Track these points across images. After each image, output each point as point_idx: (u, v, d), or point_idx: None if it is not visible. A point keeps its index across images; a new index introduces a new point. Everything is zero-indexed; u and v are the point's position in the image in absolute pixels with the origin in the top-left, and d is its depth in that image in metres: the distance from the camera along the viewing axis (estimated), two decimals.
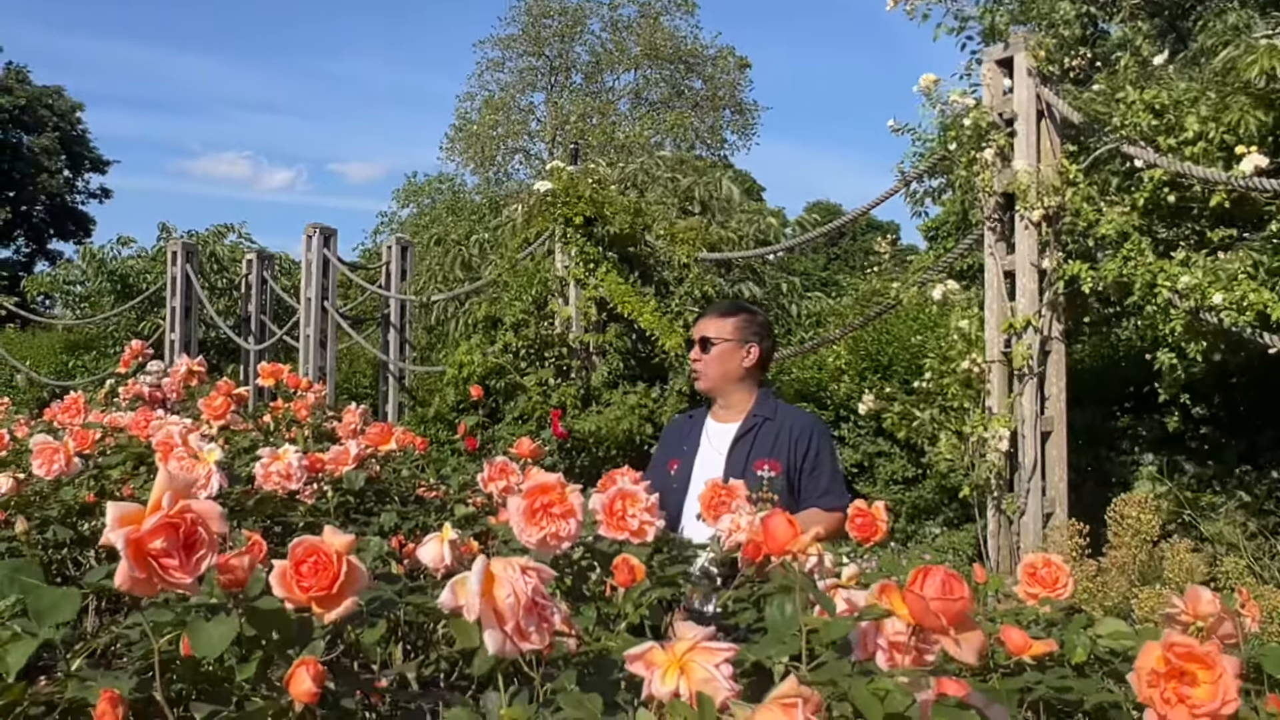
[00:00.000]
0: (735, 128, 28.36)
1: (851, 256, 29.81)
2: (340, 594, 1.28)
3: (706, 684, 1.10)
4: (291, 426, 3.32)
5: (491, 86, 27.87)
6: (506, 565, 1.12)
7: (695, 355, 2.84)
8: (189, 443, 2.59)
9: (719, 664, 1.11)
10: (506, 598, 1.08)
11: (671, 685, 1.10)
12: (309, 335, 9.86)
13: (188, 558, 1.17)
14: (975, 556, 6.25)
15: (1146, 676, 1.27)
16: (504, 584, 1.09)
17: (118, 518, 1.14)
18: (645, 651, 1.14)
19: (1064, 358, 5.01)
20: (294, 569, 1.26)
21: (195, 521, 1.18)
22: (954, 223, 12.03)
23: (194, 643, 1.22)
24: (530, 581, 1.11)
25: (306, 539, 1.29)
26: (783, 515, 1.37)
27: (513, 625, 1.09)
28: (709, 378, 2.81)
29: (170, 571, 1.15)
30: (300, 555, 1.27)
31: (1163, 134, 4.51)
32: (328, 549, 1.27)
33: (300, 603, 1.27)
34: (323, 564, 1.26)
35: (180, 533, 1.16)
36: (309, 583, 1.25)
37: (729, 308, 2.94)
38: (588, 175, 7.31)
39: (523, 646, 1.11)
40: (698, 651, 1.12)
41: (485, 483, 2.47)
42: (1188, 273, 4.26)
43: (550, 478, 1.78)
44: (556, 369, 7.11)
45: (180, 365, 3.68)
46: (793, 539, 1.33)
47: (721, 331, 2.80)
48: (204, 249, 12.29)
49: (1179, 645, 1.21)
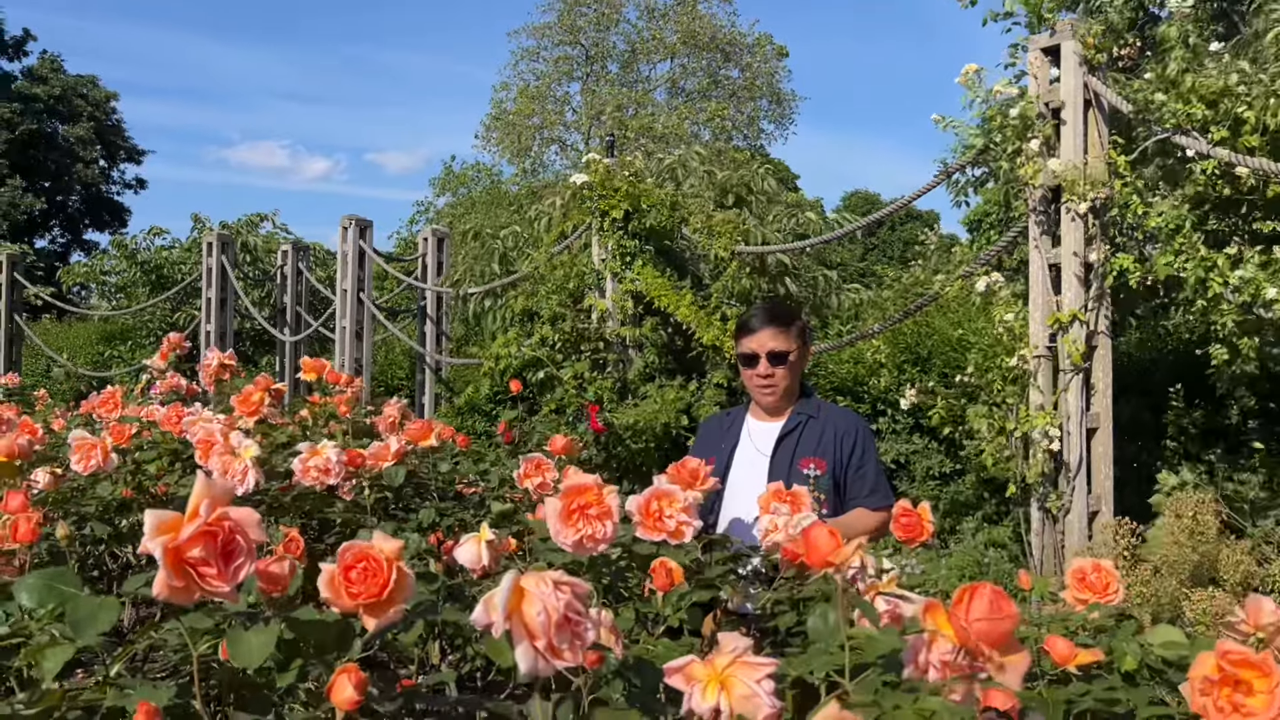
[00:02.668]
0: (772, 117, 28.19)
1: (890, 247, 29.57)
2: (389, 601, 1.26)
3: (748, 701, 1.06)
4: (330, 421, 3.31)
5: (527, 76, 27.91)
6: (538, 580, 1.08)
7: (765, 370, 2.72)
8: (229, 439, 2.58)
9: (760, 679, 1.07)
10: (538, 615, 1.04)
11: (712, 701, 1.07)
12: (345, 327, 9.91)
13: (226, 566, 1.15)
14: (1016, 553, 6.15)
15: (1200, 684, 1.23)
16: (534, 600, 1.05)
17: (155, 526, 1.12)
18: (685, 665, 1.11)
19: (1110, 353, 4.90)
20: (343, 574, 1.24)
21: (233, 530, 1.16)
22: (997, 214, 11.86)
23: (233, 652, 1.20)
24: (563, 597, 1.07)
25: (357, 544, 1.26)
26: (823, 525, 1.32)
27: (545, 643, 1.05)
28: (781, 390, 2.73)
29: (208, 580, 1.13)
30: (350, 561, 1.24)
31: (1216, 124, 4.38)
32: (378, 555, 1.25)
33: (348, 609, 1.25)
34: (373, 570, 1.23)
35: (218, 541, 1.14)
36: (358, 589, 1.22)
37: (785, 314, 2.85)
38: (624, 168, 7.26)
39: (555, 664, 1.07)
40: (739, 666, 1.08)
41: (521, 479, 2.46)
42: (1242, 267, 4.14)
43: (587, 479, 1.75)
44: (593, 362, 7.08)
45: (211, 359, 3.68)
46: (835, 550, 1.28)
47: (790, 344, 2.74)
48: (237, 239, 12.37)
49: (1234, 653, 1.16)
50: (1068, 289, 4.84)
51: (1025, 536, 4.99)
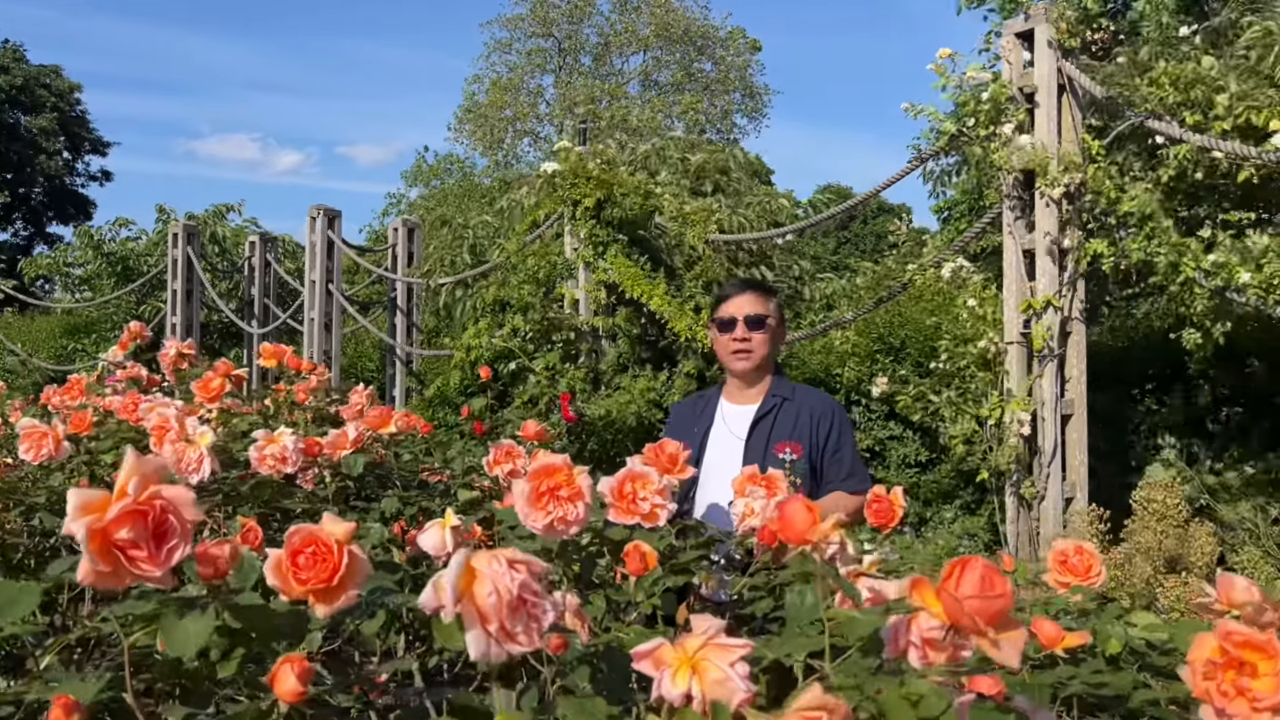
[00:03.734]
0: (746, 111, 28.17)
1: (862, 240, 29.62)
2: (340, 586, 1.19)
3: (721, 685, 0.99)
4: (293, 410, 3.23)
5: (499, 68, 27.72)
6: (491, 559, 1.00)
7: (742, 334, 2.65)
8: (185, 426, 2.49)
9: (734, 663, 1.00)
10: (488, 595, 0.97)
11: (683, 687, 1.00)
12: (313, 319, 9.78)
13: (157, 548, 1.07)
14: (991, 541, 6.14)
15: (1202, 668, 1.18)
16: (485, 580, 0.97)
17: (80, 505, 1.04)
18: (654, 649, 1.04)
19: (1084, 338, 4.89)
20: (290, 559, 1.17)
21: (165, 509, 1.08)
22: (967, 204, 11.89)
23: (168, 640, 1.13)
24: (517, 576, 1.00)
25: (304, 527, 1.20)
26: (800, 501, 1.26)
27: (496, 626, 0.98)
28: (758, 356, 2.65)
29: (138, 564, 1.05)
30: (297, 545, 1.18)
31: (1188, 110, 4.37)
32: (327, 538, 1.18)
33: (296, 595, 1.18)
34: (322, 554, 1.16)
35: (149, 521, 1.06)
36: (306, 574, 1.15)
37: (765, 286, 2.80)
38: (597, 156, 7.19)
39: (509, 649, 1.00)
40: (711, 649, 1.01)
41: (490, 466, 2.39)
42: (1214, 251, 4.13)
43: (557, 459, 1.69)
44: (565, 353, 7.01)
45: (169, 348, 3.57)
46: (811, 527, 1.22)
47: (769, 310, 2.68)
48: (204, 230, 12.19)
49: (1237, 634, 1.12)
50: (1042, 274, 4.82)
51: (1000, 524, 4.97)
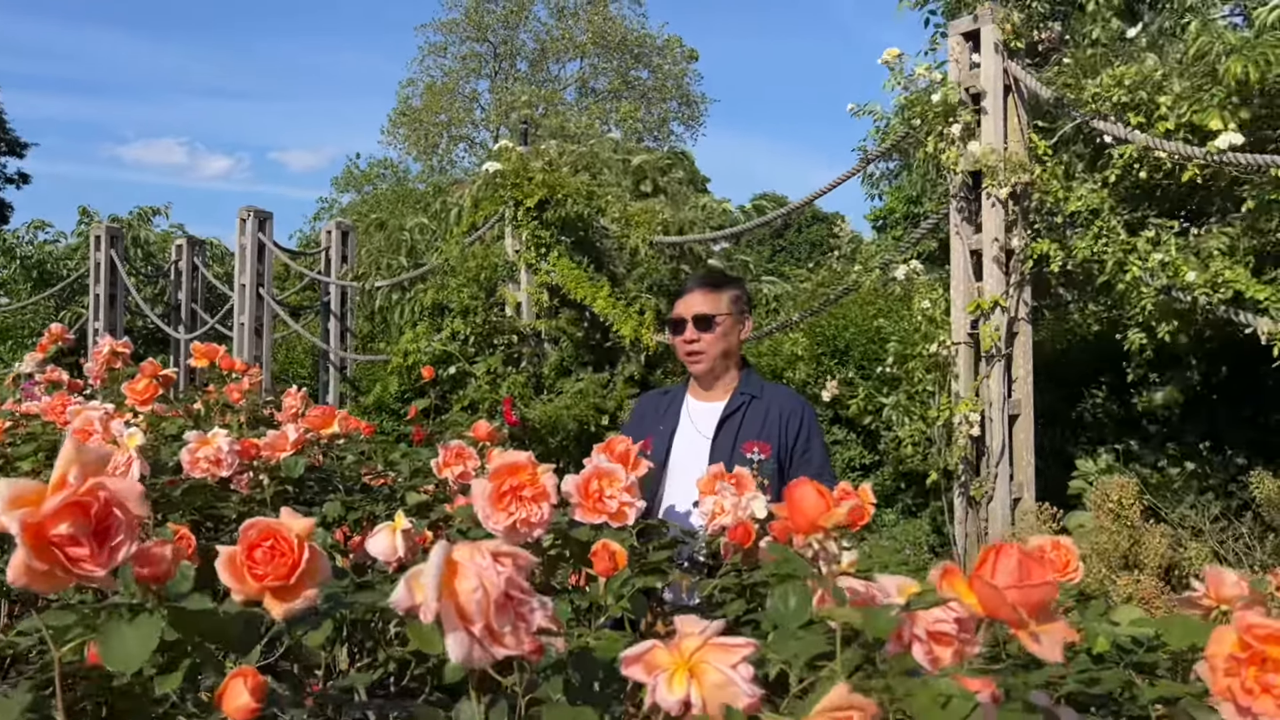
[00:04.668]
0: (682, 119, 28.25)
1: (797, 249, 29.84)
2: (299, 584, 1.08)
3: (722, 689, 0.89)
4: (225, 412, 3.06)
5: (434, 72, 27.43)
6: (474, 552, 0.89)
7: (691, 335, 2.53)
8: (109, 428, 2.33)
9: (736, 664, 0.90)
10: (473, 592, 0.85)
11: (680, 693, 0.89)
12: (244, 323, 9.48)
13: (100, 546, 0.95)
14: (936, 544, 6.15)
15: (1223, 664, 1.11)
16: (469, 575, 0.86)
17: (10, 497, 0.91)
18: (645, 652, 0.93)
19: (1030, 339, 4.90)
20: (246, 554, 1.06)
21: (110, 502, 0.95)
22: (903, 211, 12.01)
23: (105, 652, 1.00)
24: (504, 571, 0.88)
25: (260, 520, 1.09)
26: (810, 485, 1.17)
27: (482, 626, 0.86)
28: (709, 359, 2.54)
29: (80, 563, 0.93)
30: (254, 538, 1.07)
31: (1133, 110, 4.41)
32: (286, 532, 1.07)
33: (252, 594, 1.08)
34: (280, 549, 1.06)
35: (92, 515, 0.93)
36: (264, 570, 1.05)
37: (718, 278, 2.68)
38: (538, 156, 7.07)
39: (495, 652, 0.88)
40: (710, 650, 0.91)
41: (440, 468, 2.28)
42: (1160, 250, 4.16)
43: (520, 456, 1.58)
44: (506, 356, 6.87)
45: (103, 345, 3.37)
46: (825, 513, 1.12)
47: (719, 306, 2.55)
48: (128, 234, 11.79)
49: (1259, 627, 1.05)
50: (989, 275, 4.82)
51: (949, 525, 4.96)
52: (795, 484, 1.15)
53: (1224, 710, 1.10)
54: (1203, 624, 1.49)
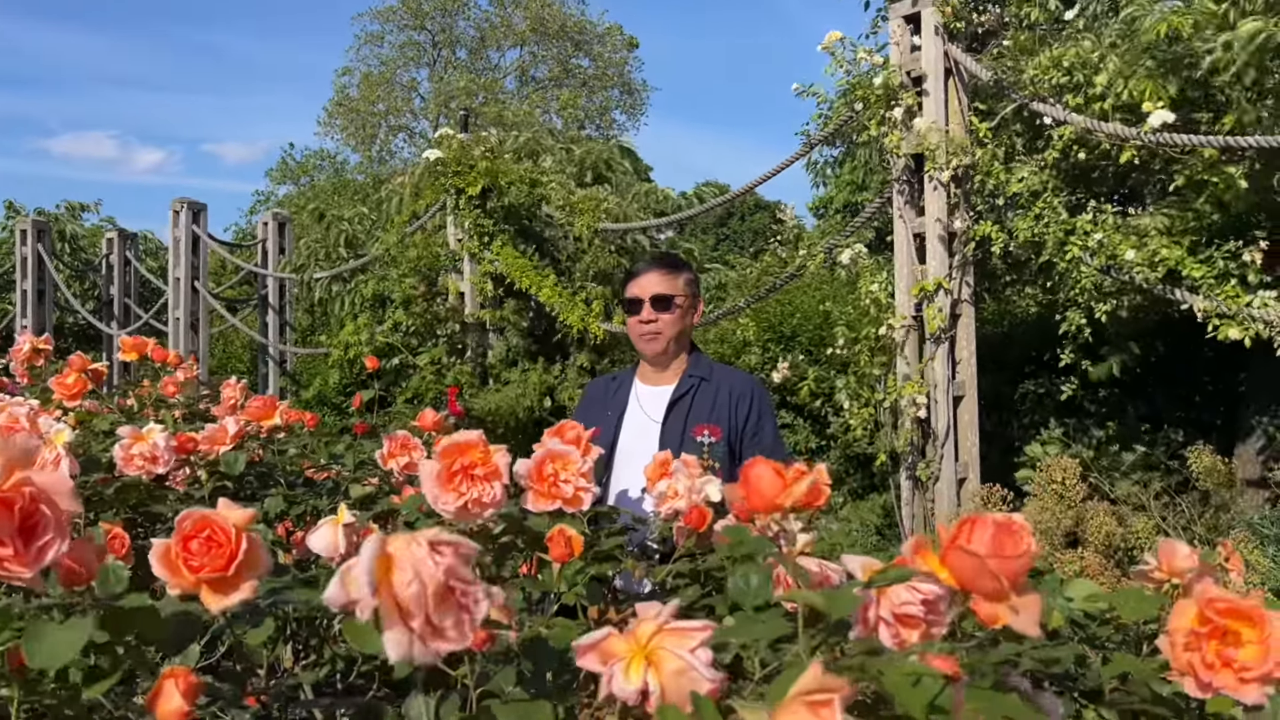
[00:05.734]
0: (624, 108, 28.16)
1: (740, 237, 29.96)
2: (238, 576, 1.03)
3: (681, 676, 0.85)
4: (160, 407, 2.96)
5: (371, 62, 26.98)
6: (410, 542, 0.83)
7: (649, 315, 2.51)
8: (37, 425, 2.23)
9: (694, 649, 0.86)
10: (409, 585, 0.80)
11: (637, 682, 0.85)
12: (179, 318, 9.25)
13: (26, 545, 0.89)
14: (883, 526, 6.20)
15: (1184, 639, 1.10)
16: (405, 567, 0.80)
17: None
18: (599, 641, 0.89)
19: (973, 321, 4.95)
20: (181, 546, 1.01)
21: (37, 498, 0.90)
22: (843, 199, 12.09)
23: (31, 651, 0.94)
24: (442, 560, 0.83)
25: (196, 511, 1.04)
26: (767, 464, 1.14)
27: (421, 621, 0.81)
28: (665, 339, 2.52)
29: (5, 563, 0.87)
30: (189, 530, 1.02)
31: (1071, 92, 4.46)
32: (224, 523, 1.02)
33: (188, 587, 1.03)
34: (217, 540, 1.01)
35: (16, 512, 0.88)
36: (200, 562, 1.01)
37: (673, 261, 2.65)
38: (480, 143, 6.97)
39: (437, 647, 0.83)
40: (666, 635, 0.87)
41: (385, 459, 2.22)
42: (1099, 229, 4.21)
43: (471, 435, 1.53)
44: (450, 347, 6.77)
45: (23, 343, 3.23)
46: (782, 491, 1.09)
47: (676, 288, 2.53)
48: (55, 227, 11.43)
49: (1219, 600, 1.05)
50: (932, 258, 4.85)
51: (896, 506, 4.99)
52: (751, 463, 1.12)
53: (1185, 684, 1.09)
54: (1156, 597, 1.49)
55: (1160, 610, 1.51)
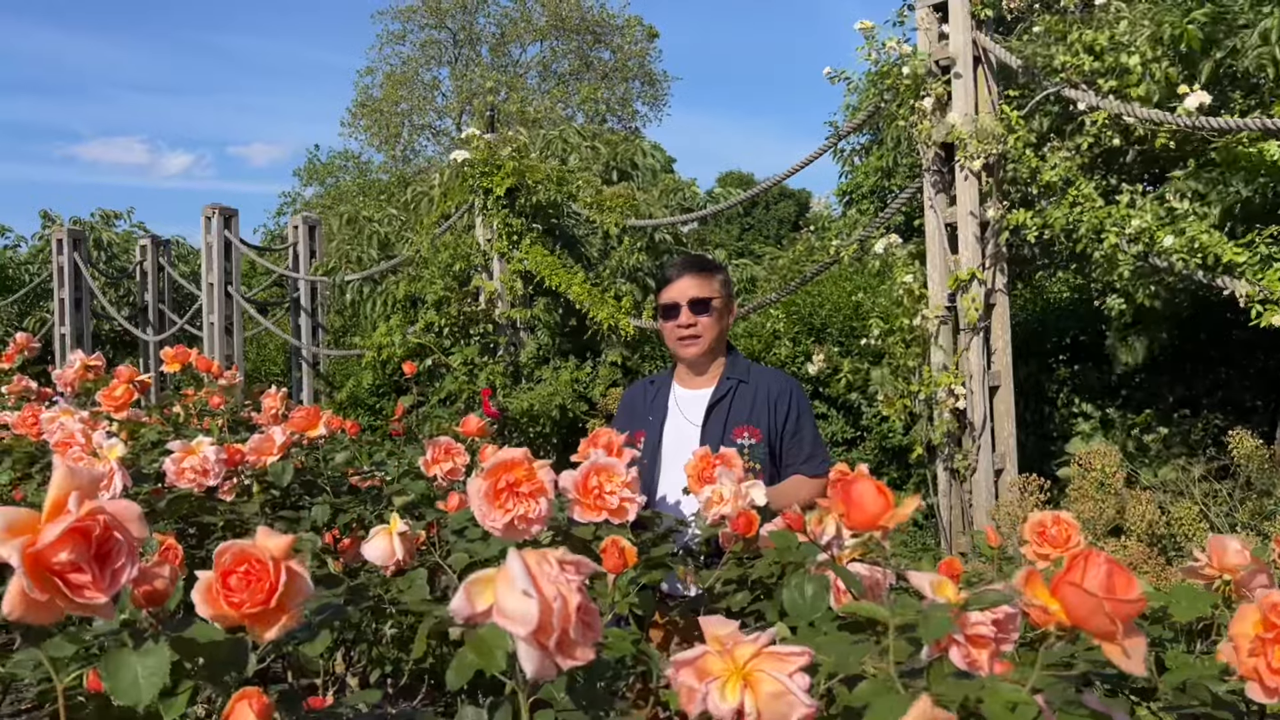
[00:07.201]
0: (646, 99, 28.10)
1: (765, 226, 29.87)
2: (280, 608, 1.04)
3: (779, 699, 0.86)
4: (204, 416, 3.00)
5: (393, 61, 27.07)
6: (541, 559, 0.86)
7: (687, 319, 2.52)
8: (90, 439, 2.27)
9: (793, 673, 0.88)
10: (553, 600, 0.82)
11: (733, 702, 0.87)
12: (213, 323, 9.34)
13: (102, 571, 0.91)
14: (921, 517, 6.18)
15: (1248, 644, 1.10)
16: (545, 584, 0.83)
17: (6, 526, 0.86)
18: (696, 658, 0.90)
19: (1008, 310, 4.91)
20: (221, 582, 1.02)
21: (110, 526, 0.91)
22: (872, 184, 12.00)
23: (113, 683, 0.96)
24: (574, 578, 0.85)
25: (235, 544, 1.05)
26: (870, 481, 1.14)
27: (557, 638, 0.83)
28: (706, 342, 2.53)
29: (82, 591, 0.89)
30: (228, 564, 1.03)
31: (1103, 76, 4.40)
32: (261, 555, 1.03)
33: (231, 621, 1.03)
34: (256, 573, 1.02)
35: (92, 540, 0.89)
36: (240, 597, 1.01)
37: (706, 263, 2.65)
38: (507, 143, 6.98)
39: (565, 664, 0.85)
40: (764, 658, 0.88)
41: (428, 466, 2.24)
42: (1136, 215, 4.16)
43: (516, 453, 1.55)
44: (483, 347, 6.81)
45: (74, 360, 3.28)
46: (886, 510, 1.09)
47: (712, 290, 2.54)
48: (90, 235, 11.57)
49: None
50: (965, 248, 4.82)
51: (933, 498, 4.97)
52: (853, 480, 1.12)
53: (1250, 689, 1.09)
54: (1208, 595, 1.48)
55: (1212, 609, 1.50)
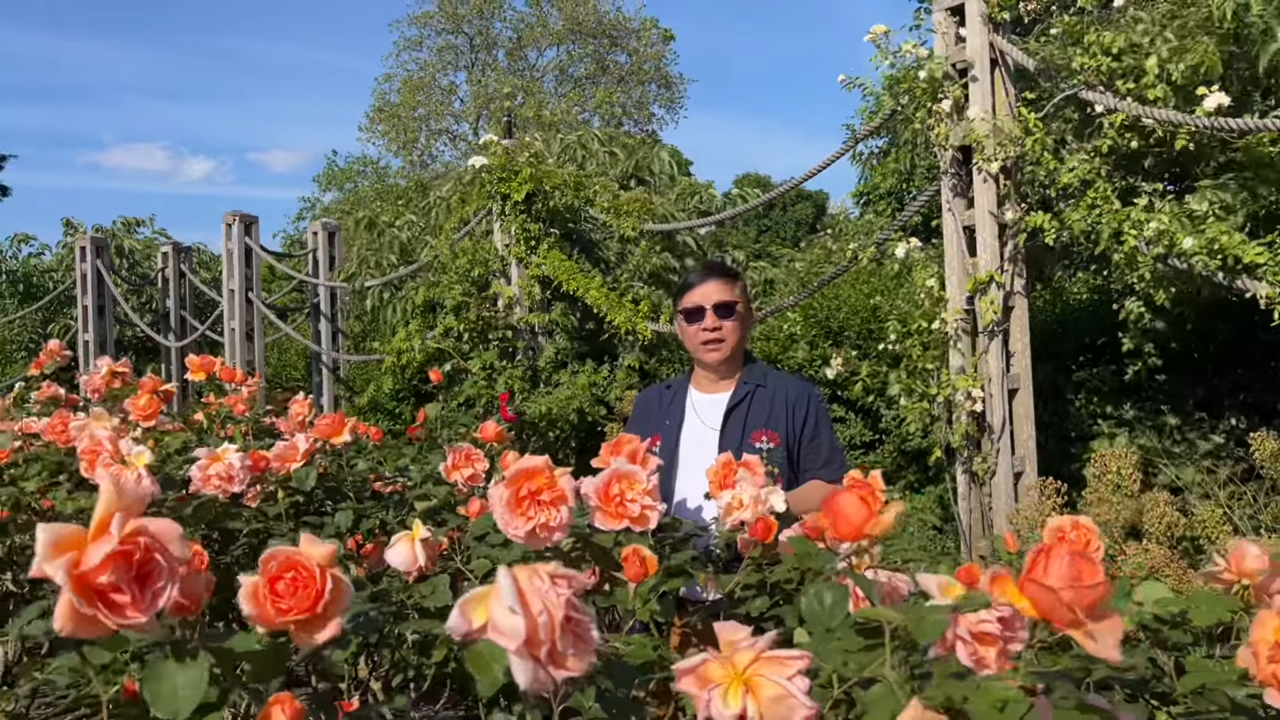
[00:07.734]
0: (662, 101, 28.14)
1: (782, 228, 29.83)
2: (324, 615, 1.07)
3: (780, 703, 0.88)
4: (227, 424, 3.04)
5: (411, 66, 27.22)
6: (531, 575, 0.88)
7: (713, 323, 2.54)
8: (118, 447, 2.31)
9: (792, 676, 0.90)
10: (538, 615, 0.85)
11: (735, 707, 0.89)
12: (234, 329, 9.43)
13: (142, 592, 0.93)
14: (942, 520, 6.16)
15: (1267, 650, 1.10)
16: (533, 599, 0.85)
17: (53, 543, 0.89)
18: (697, 665, 0.92)
19: (1027, 313, 4.90)
20: (268, 587, 1.05)
21: (151, 547, 0.93)
22: (889, 186, 11.98)
23: (154, 696, 0.98)
24: (563, 593, 0.88)
25: (282, 551, 1.07)
26: (852, 492, 1.16)
27: (547, 650, 0.85)
28: (730, 346, 2.55)
29: (124, 611, 0.91)
30: (275, 571, 1.05)
31: (1121, 78, 4.39)
32: (308, 562, 1.05)
33: (275, 626, 1.06)
34: (303, 580, 1.05)
35: (134, 562, 0.91)
36: (287, 604, 1.04)
37: (728, 269, 2.68)
38: (524, 149, 7.02)
39: (558, 675, 0.88)
40: (764, 663, 0.90)
41: (449, 472, 2.27)
42: (1155, 218, 4.15)
43: (536, 461, 1.57)
44: (501, 351, 6.84)
45: (100, 366, 3.33)
46: (869, 520, 1.11)
47: (736, 294, 2.57)
48: (112, 243, 11.70)
49: None
50: (983, 250, 4.81)
51: (953, 502, 4.96)
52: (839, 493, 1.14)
53: (1268, 695, 1.10)
54: (1228, 600, 1.48)
55: (1233, 615, 1.50)
